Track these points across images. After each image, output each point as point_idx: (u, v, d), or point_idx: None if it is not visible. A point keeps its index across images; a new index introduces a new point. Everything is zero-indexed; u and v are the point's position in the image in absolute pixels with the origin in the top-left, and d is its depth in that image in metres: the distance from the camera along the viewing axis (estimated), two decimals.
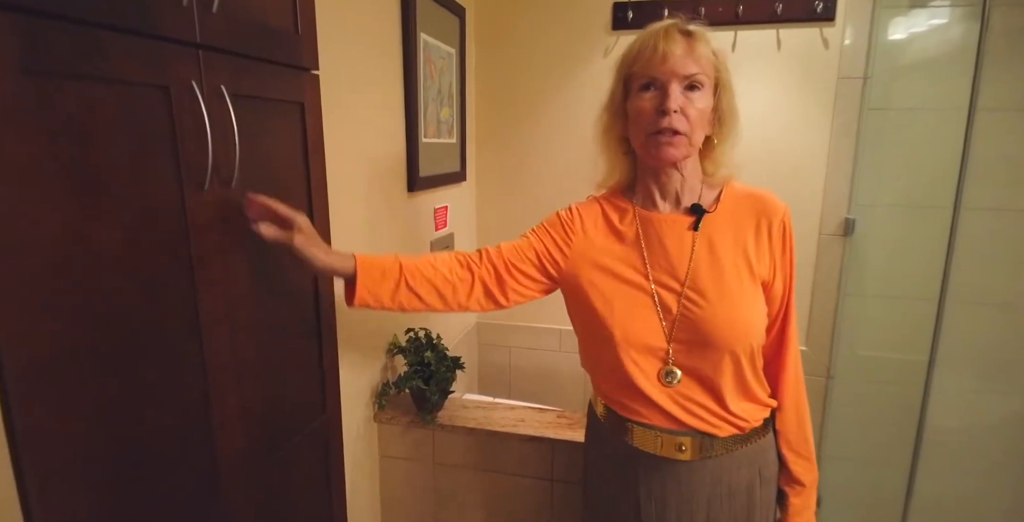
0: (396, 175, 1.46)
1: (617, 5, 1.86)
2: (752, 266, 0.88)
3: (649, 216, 0.92)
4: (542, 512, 1.44)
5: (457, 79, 1.77)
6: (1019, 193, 1.73)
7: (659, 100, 0.82)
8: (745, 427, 0.90)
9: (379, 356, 1.47)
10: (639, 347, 0.88)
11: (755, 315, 0.88)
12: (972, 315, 1.73)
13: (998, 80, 1.62)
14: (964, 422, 1.80)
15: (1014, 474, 1.84)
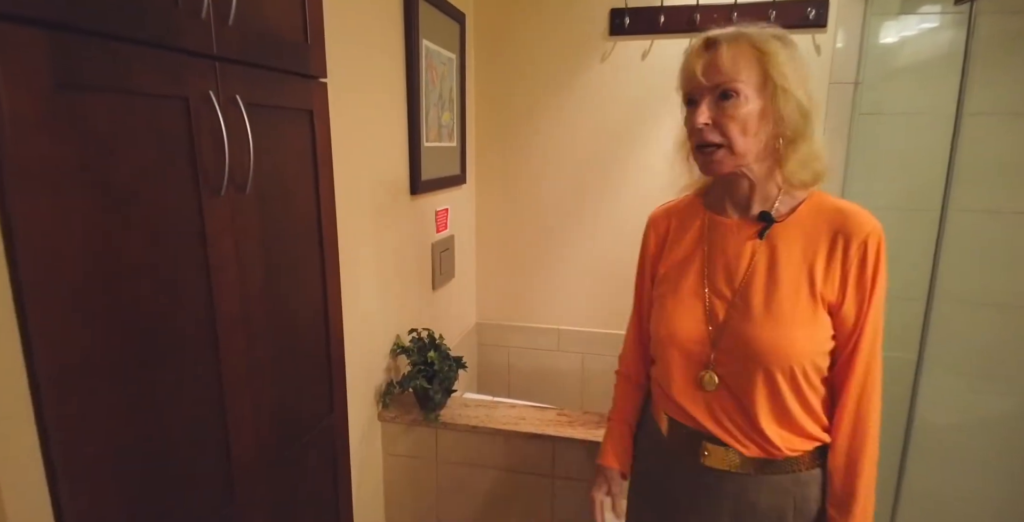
0: (399, 179, 1.49)
1: (614, 11, 1.90)
2: (816, 285, 0.82)
3: (717, 221, 0.91)
4: (543, 508, 1.47)
5: (457, 84, 1.80)
6: (1005, 195, 1.77)
7: (694, 115, 0.83)
8: (777, 454, 0.86)
9: (383, 356, 1.49)
10: (682, 348, 0.90)
11: (803, 336, 0.82)
12: (960, 315, 1.77)
13: (984, 85, 1.66)
14: (953, 420, 1.84)
15: (1004, 471, 1.88)
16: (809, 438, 0.86)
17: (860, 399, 0.83)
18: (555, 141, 2.05)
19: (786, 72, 0.79)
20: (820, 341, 0.82)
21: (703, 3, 1.82)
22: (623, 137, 1.99)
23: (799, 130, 0.82)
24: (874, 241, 0.81)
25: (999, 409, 1.87)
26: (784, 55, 0.80)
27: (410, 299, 1.63)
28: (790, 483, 0.87)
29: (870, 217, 0.82)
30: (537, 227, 2.14)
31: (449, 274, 1.90)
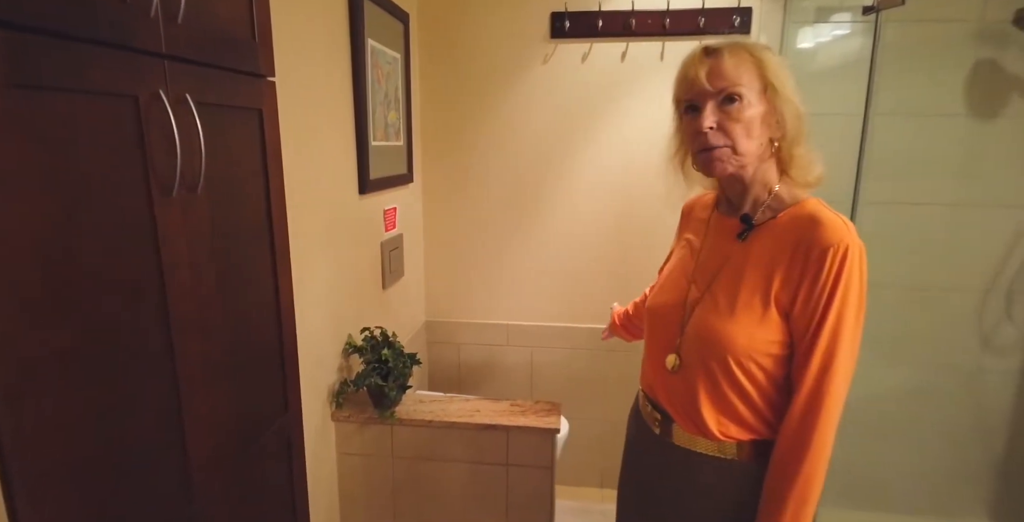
0: (347, 178, 1.49)
1: (555, 14, 1.96)
2: (772, 288, 0.85)
3: (717, 218, 0.98)
4: (498, 496, 1.51)
5: (403, 83, 1.81)
6: (908, 188, 1.97)
7: (698, 121, 0.85)
8: (712, 436, 0.91)
9: (335, 356, 1.49)
10: (659, 321, 0.99)
11: (742, 333, 0.86)
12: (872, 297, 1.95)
13: (890, 87, 1.83)
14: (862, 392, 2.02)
15: (905, 437, 2.09)
16: (746, 428, 0.89)
17: (808, 407, 0.83)
18: (500, 140, 2.09)
19: (782, 78, 0.84)
20: (760, 342, 0.85)
21: (638, 9, 1.91)
22: (566, 136, 2.06)
23: (797, 132, 0.86)
24: (837, 253, 0.80)
25: (905, 381, 2.07)
26: (776, 62, 0.85)
27: (361, 298, 1.63)
28: (727, 470, 0.91)
29: (843, 231, 0.81)
30: (484, 224, 2.17)
31: (399, 273, 1.91)
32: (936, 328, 2.04)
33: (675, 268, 1.02)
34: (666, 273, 1.05)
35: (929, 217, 1.98)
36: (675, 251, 1.08)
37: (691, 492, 0.95)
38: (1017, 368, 2.02)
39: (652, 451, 1.01)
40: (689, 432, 0.94)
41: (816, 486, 0.83)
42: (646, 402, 1.03)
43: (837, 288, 0.80)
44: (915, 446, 2.10)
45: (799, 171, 0.88)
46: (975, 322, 2.02)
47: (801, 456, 0.82)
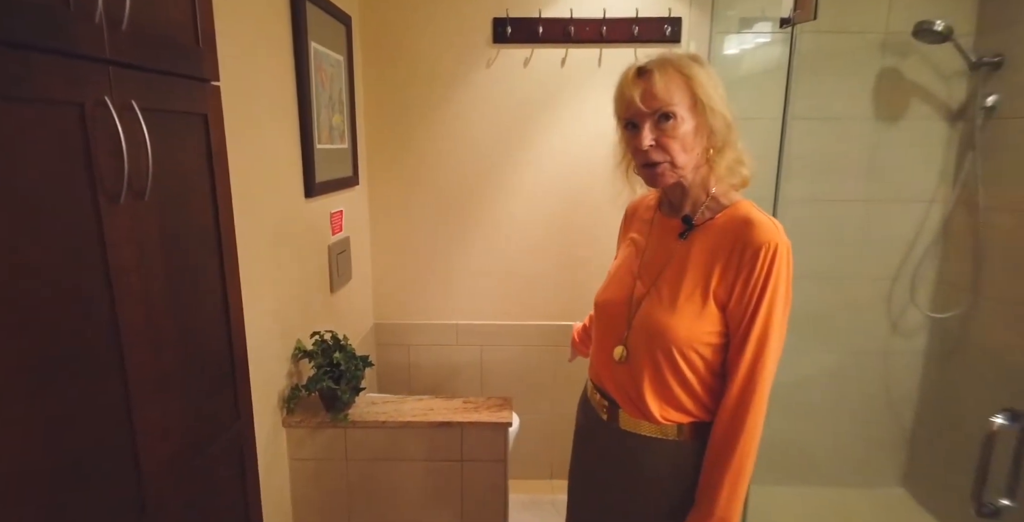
0: (293, 181, 1.48)
1: (497, 20, 2.00)
2: (711, 284, 0.92)
3: (659, 218, 1.05)
4: (454, 491, 1.54)
5: (346, 86, 1.81)
6: (822, 186, 2.14)
7: (637, 138, 0.92)
8: (654, 420, 0.98)
9: (285, 362, 1.48)
10: (607, 315, 1.05)
11: (684, 326, 0.93)
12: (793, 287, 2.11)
13: (805, 94, 1.98)
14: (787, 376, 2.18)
15: (825, 415, 2.27)
16: (685, 412, 0.97)
17: (742, 391, 0.91)
18: (445, 142, 2.12)
19: (710, 91, 0.90)
20: (700, 333, 0.92)
21: (577, 17, 1.98)
22: (510, 138, 2.11)
23: (725, 140, 0.93)
24: (767, 252, 0.88)
25: (824, 364, 2.25)
26: (704, 76, 0.91)
27: (310, 303, 1.62)
28: (668, 449, 0.99)
29: (772, 231, 0.89)
30: (430, 226, 2.19)
31: (346, 276, 1.90)
32: (850, 314, 2.22)
33: (621, 265, 1.09)
34: (613, 270, 1.11)
35: (842, 212, 2.16)
36: (621, 249, 1.13)
37: (637, 472, 1.02)
38: (921, 349, 2.23)
39: (600, 436, 1.08)
40: (634, 417, 1.01)
41: (750, 461, 0.92)
42: (594, 391, 1.10)
43: (768, 283, 0.88)
44: (834, 423, 2.29)
45: (729, 174, 0.96)
46: (885, 308, 2.22)
47: (737, 434, 0.91)
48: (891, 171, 2.13)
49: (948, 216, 2.09)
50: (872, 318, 2.23)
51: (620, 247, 1.15)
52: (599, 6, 1.98)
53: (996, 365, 1.94)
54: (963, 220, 2.05)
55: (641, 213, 1.12)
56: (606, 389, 1.06)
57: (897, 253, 2.17)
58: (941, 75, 2.05)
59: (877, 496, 2.30)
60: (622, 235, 1.16)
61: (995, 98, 1.91)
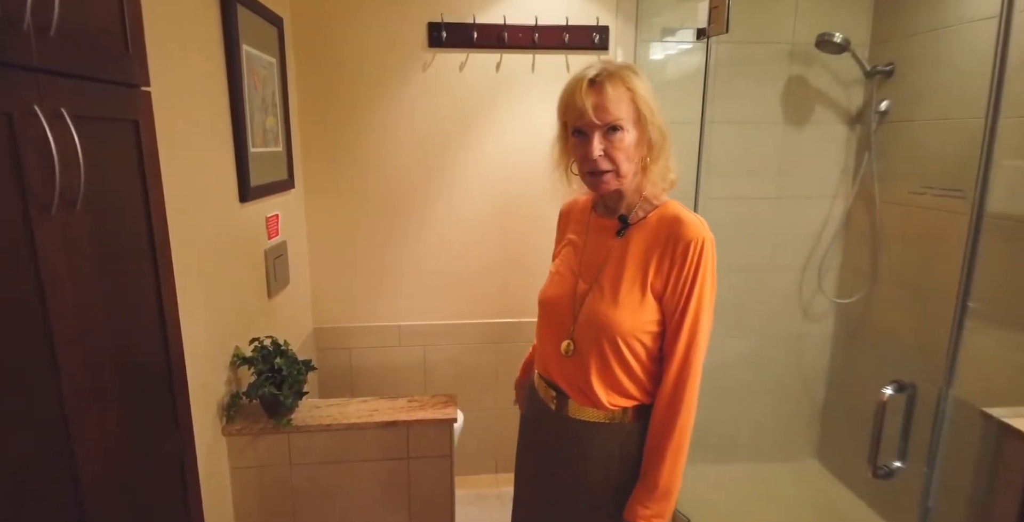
0: (228, 186, 1.45)
1: (431, 24, 2.03)
2: (648, 277, 1.00)
3: (597, 218, 1.12)
4: (401, 489, 1.56)
5: (279, 88, 1.79)
6: (738, 185, 2.30)
7: (587, 147, 0.97)
8: (602, 406, 1.05)
9: (223, 369, 1.45)
10: (553, 313, 1.11)
11: (626, 317, 1.00)
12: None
13: (720, 99, 2.13)
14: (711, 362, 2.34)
15: (749, 397, 2.45)
16: (629, 397, 1.05)
17: (679, 374, 1.00)
18: (382, 144, 2.12)
19: (651, 105, 0.98)
20: (641, 323, 1.00)
21: (510, 23, 2.04)
22: (447, 141, 2.14)
23: (661, 149, 1.01)
24: (696, 246, 0.97)
25: (744, 350, 2.43)
26: (644, 89, 0.98)
27: (247, 309, 1.59)
28: (615, 432, 1.07)
29: (699, 228, 0.99)
30: (368, 229, 2.19)
31: (284, 281, 1.88)
32: (766, 303, 2.41)
33: (561, 265, 1.15)
34: (554, 270, 1.17)
35: (756, 209, 2.33)
36: (560, 250, 1.19)
37: (585, 455, 1.09)
38: (829, 332, 2.45)
39: (548, 425, 1.14)
40: (583, 405, 1.08)
41: (687, 438, 1.02)
42: (542, 383, 1.16)
43: (697, 275, 0.97)
44: (754, 403, 2.47)
45: (660, 179, 1.04)
46: (796, 296, 2.42)
47: (676, 412, 1.00)
48: (799, 170, 2.32)
49: (849, 210, 2.30)
50: (785, 305, 2.42)
51: (559, 247, 1.21)
52: (531, 13, 2.05)
53: (891, 342, 2.16)
54: (862, 213, 2.27)
55: (576, 215, 1.18)
56: (555, 381, 1.12)
57: (806, 245, 2.37)
58: (841, 82, 2.26)
59: (794, 469, 2.50)
60: (560, 236, 1.22)
61: (887, 103, 2.13)
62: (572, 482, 1.12)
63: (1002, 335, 1.65)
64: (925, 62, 1.98)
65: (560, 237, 1.21)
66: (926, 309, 1.96)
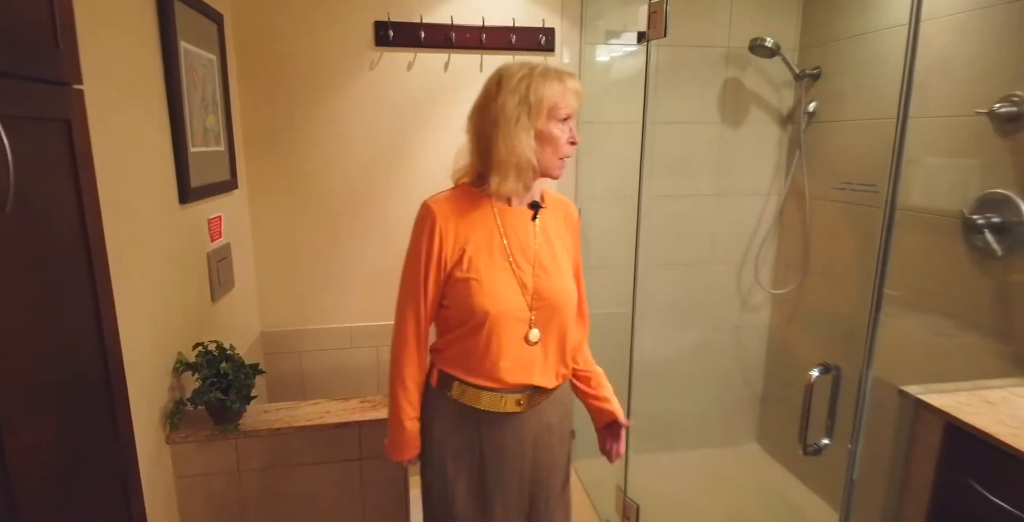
0: (166, 187, 1.41)
1: (378, 23, 2.02)
2: (567, 249, 1.17)
3: (505, 209, 1.11)
4: (354, 490, 1.56)
5: (220, 86, 1.74)
6: (679, 183, 2.40)
7: (569, 133, 1.06)
8: (564, 375, 1.18)
9: (165, 376, 1.41)
10: (510, 317, 1.07)
11: (572, 286, 1.16)
12: (657, 274, 2.36)
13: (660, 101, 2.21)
14: (659, 354, 2.45)
15: (693, 386, 2.57)
16: (570, 362, 1.21)
17: (585, 316, 1.26)
18: (329, 143, 2.09)
19: None
20: (574, 286, 1.17)
21: (457, 24, 2.05)
22: (395, 140, 2.13)
23: None
24: (578, 216, 1.22)
25: (686, 342, 2.54)
26: None
27: (189, 313, 1.55)
28: (562, 392, 1.21)
29: (572, 204, 1.23)
30: (316, 229, 2.16)
31: (229, 284, 1.83)
32: (707, 295, 2.52)
33: (489, 267, 1.09)
34: (486, 276, 1.08)
35: (696, 206, 2.44)
36: (469, 252, 1.09)
37: (544, 434, 1.17)
38: (766, 321, 2.59)
39: (506, 432, 1.14)
40: (549, 384, 1.15)
41: None
42: (505, 396, 1.12)
43: (579, 236, 1.23)
44: (697, 392, 2.59)
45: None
46: (735, 288, 2.54)
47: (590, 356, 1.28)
48: (735, 168, 2.43)
49: (782, 206, 2.44)
50: (725, 297, 2.54)
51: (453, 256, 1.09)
52: (478, 14, 2.07)
53: (821, 329, 2.31)
54: (793, 209, 2.40)
55: (466, 213, 1.10)
56: (523, 383, 1.12)
57: (743, 240, 2.50)
58: (773, 85, 2.38)
59: (736, 453, 2.63)
60: (454, 242, 1.09)
61: (815, 104, 2.26)
62: (548, 458, 1.19)
63: (916, 318, 1.79)
64: (848, 66, 2.13)
65: (443, 241, 1.08)
66: (850, 297, 2.10)
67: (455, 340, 1.13)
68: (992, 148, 1.56)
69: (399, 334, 1.14)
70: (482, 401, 1.12)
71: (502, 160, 1.04)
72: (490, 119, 1.06)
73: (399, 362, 1.14)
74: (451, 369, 1.14)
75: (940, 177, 1.76)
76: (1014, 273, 1.52)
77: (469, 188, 1.13)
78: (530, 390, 1.13)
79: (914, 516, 1.24)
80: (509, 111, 1.04)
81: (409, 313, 1.12)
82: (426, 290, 1.11)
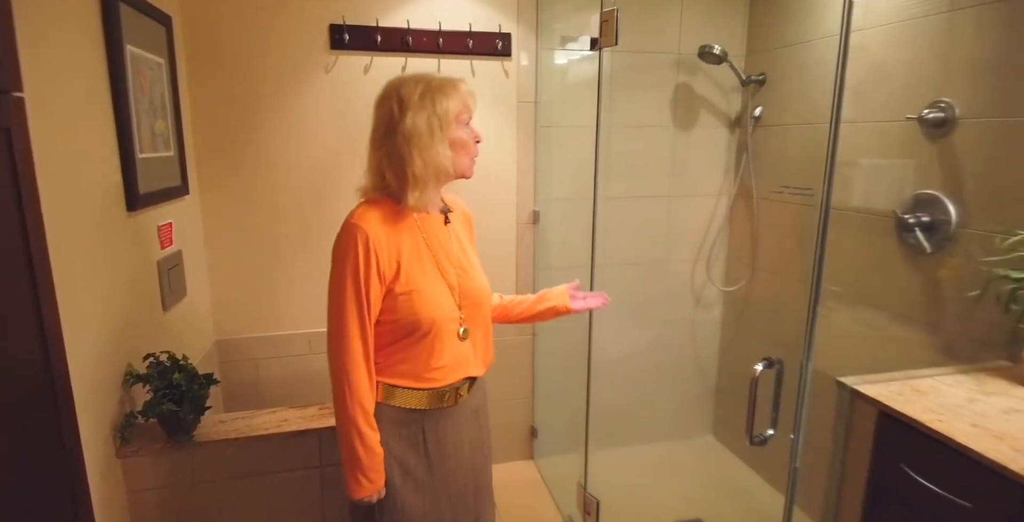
0: (113, 195, 1.37)
1: (333, 27, 2.00)
2: (474, 247, 1.28)
3: (424, 218, 1.17)
4: (314, 498, 1.55)
5: (169, 90, 1.70)
6: (634, 185, 2.46)
7: (473, 133, 1.15)
8: (491, 360, 1.27)
9: (115, 389, 1.37)
10: (448, 321, 1.14)
11: (486, 280, 1.25)
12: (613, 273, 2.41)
13: (613, 105, 2.27)
14: (617, 351, 2.51)
15: (654, 382, 2.64)
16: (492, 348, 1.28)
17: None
18: (283, 148, 2.07)
19: None
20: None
21: (414, 28, 2.05)
22: (352, 144, 2.12)
23: None
24: (471, 216, 1.32)
25: (643, 338, 2.61)
26: None
27: (140, 324, 1.51)
28: (481, 382, 1.28)
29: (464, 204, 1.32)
30: (272, 234, 2.13)
31: (181, 292, 1.79)
32: (662, 293, 2.60)
33: (424, 276, 1.12)
34: (424, 285, 1.11)
35: (651, 207, 2.51)
36: (405, 266, 1.11)
37: (474, 419, 1.26)
38: (718, 317, 2.68)
39: (447, 427, 1.21)
40: (479, 372, 1.24)
41: None
42: (446, 392, 1.18)
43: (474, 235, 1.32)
44: (654, 387, 2.66)
45: None
46: (689, 285, 2.63)
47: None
48: (688, 170, 2.52)
49: (732, 206, 2.53)
50: (680, 295, 2.62)
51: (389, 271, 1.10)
52: (434, 19, 2.08)
53: (767, 323, 2.41)
54: (742, 209, 2.50)
55: (392, 228, 1.11)
56: (461, 377, 1.20)
57: (696, 239, 2.59)
58: (722, 90, 2.47)
59: (692, 445, 2.72)
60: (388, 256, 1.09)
61: (761, 109, 2.36)
62: (479, 441, 1.27)
63: (854, 313, 1.90)
64: (790, 72, 2.23)
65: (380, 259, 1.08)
66: (794, 293, 2.20)
67: (398, 351, 1.14)
68: (923, 151, 1.67)
69: (349, 358, 1.09)
70: (426, 402, 1.17)
71: (419, 175, 1.08)
72: (402, 138, 1.08)
73: (356, 387, 1.09)
74: (395, 380, 1.15)
75: (877, 179, 1.86)
76: (941, 269, 1.63)
77: (386, 201, 1.13)
78: (467, 381, 1.22)
79: (853, 499, 1.32)
80: (422, 128, 1.07)
81: (355, 334, 1.09)
82: (370, 308, 1.09)
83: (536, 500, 2.32)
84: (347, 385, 1.09)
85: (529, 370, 2.49)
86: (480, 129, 1.19)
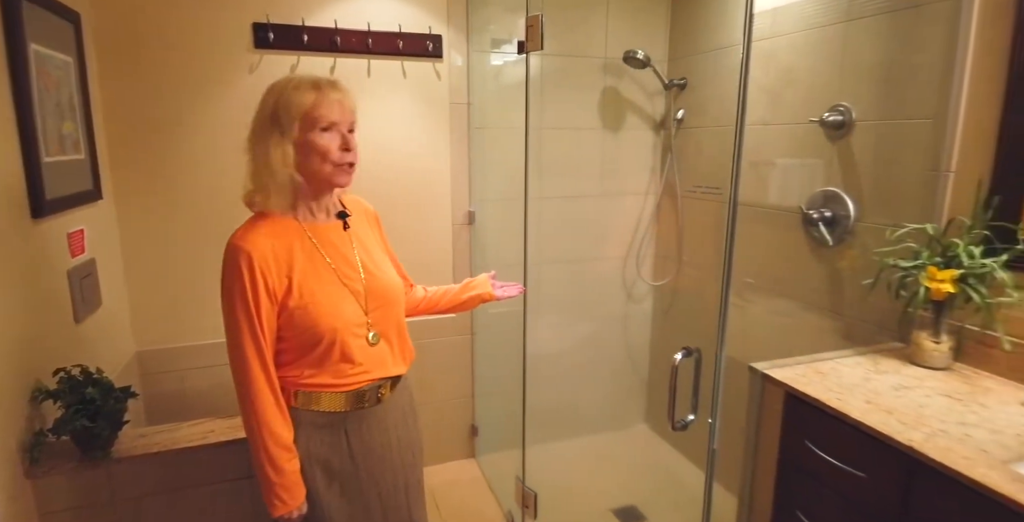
0: (15, 202, 1.29)
1: (257, 25, 1.95)
2: (379, 245, 1.27)
3: (316, 226, 1.14)
4: (245, 509, 1.51)
5: (79, 90, 1.61)
6: (565, 185, 2.53)
7: (340, 140, 1.07)
8: (413, 356, 1.27)
9: (21, 406, 1.29)
10: (351, 328, 1.12)
11: (397, 277, 1.27)
12: (545, 271, 2.48)
13: (541, 107, 2.33)
14: (552, 347, 2.58)
15: (589, 375, 2.72)
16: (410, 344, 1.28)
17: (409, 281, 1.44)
18: (203, 150, 2.00)
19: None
20: (399, 279, 1.28)
21: (342, 27, 2.03)
22: None
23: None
24: (375, 212, 1.32)
25: (578, 334, 2.69)
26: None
27: (49, 337, 1.42)
28: (407, 378, 1.30)
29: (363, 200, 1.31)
30: (192, 239, 2.04)
31: (94, 303, 1.70)
32: (595, 289, 2.69)
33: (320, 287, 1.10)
34: (322, 297, 1.09)
35: (582, 206, 2.59)
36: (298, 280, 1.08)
37: (400, 417, 1.27)
38: (648, 311, 2.80)
39: (372, 426, 1.21)
40: (399, 369, 1.23)
41: None
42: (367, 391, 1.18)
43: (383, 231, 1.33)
44: (589, 381, 2.75)
45: None
46: (620, 281, 2.73)
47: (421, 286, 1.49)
48: (617, 170, 2.61)
49: (658, 204, 2.65)
50: (612, 291, 2.72)
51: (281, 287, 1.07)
52: (363, 19, 2.06)
53: (691, 315, 2.54)
54: (668, 207, 2.62)
55: (280, 242, 1.08)
56: (380, 377, 1.20)
57: (625, 236, 2.69)
58: (647, 93, 2.58)
59: (627, 434, 2.83)
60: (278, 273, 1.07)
61: (682, 112, 2.48)
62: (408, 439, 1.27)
63: (767, 303, 2.03)
64: (708, 77, 2.35)
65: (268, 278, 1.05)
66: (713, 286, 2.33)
67: (308, 365, 1.12)
68: (826, 151, 1.81)
69: (249, 382, 1.06)
70: (345, 404, 1.16)
71: (261, 179, 1.08)
72: (253, 137, 1.09)
73: (261, 413, 1.06)
74: (311, 387, 1.14)
75: (787, 177, 2.00)
76: (842, 260, 1.78)
77: (269, 215, 1.10)
78: (387, 381, 1.21)
79: (766, 474, 1.42)
80: (263, 128, 1.06)
81: (253, 358, 1.05)
82: (263, 329, 1.06)
83: (477, 497, 2.34)
84: (252, 412, 1.07)
85: (469, 370, 2.51)
86: (412, 129, 1.20)
